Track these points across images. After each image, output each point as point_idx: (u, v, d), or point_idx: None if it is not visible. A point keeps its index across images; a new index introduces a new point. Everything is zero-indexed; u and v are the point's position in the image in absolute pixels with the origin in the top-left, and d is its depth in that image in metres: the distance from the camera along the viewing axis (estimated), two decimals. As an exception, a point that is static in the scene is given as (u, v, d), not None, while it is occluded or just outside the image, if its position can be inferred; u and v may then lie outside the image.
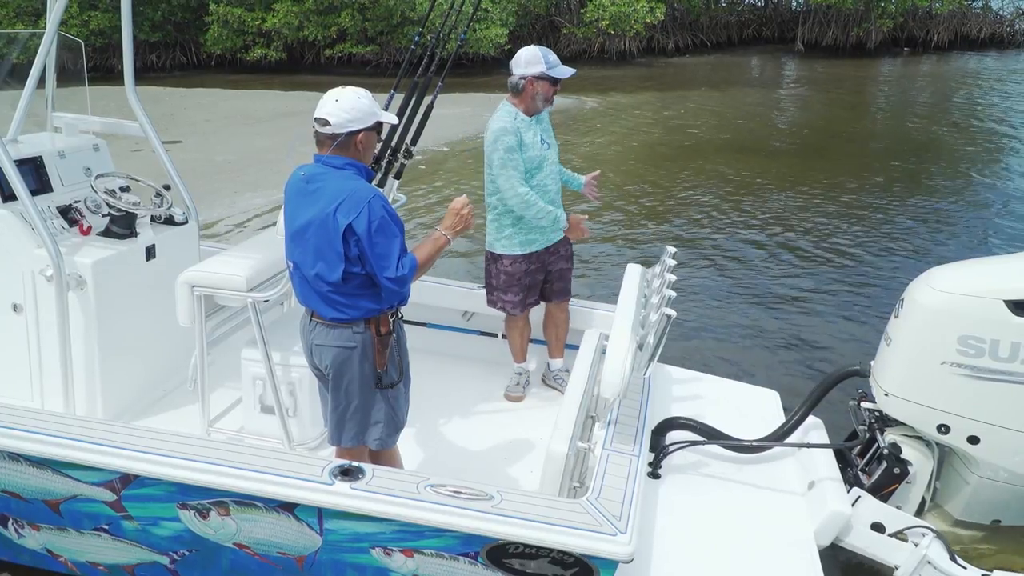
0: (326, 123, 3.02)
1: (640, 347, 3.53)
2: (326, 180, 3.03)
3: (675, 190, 11.63)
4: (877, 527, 3.64)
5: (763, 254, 8.90)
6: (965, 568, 3.46)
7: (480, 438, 4.31)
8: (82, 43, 5.32)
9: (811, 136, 16.34)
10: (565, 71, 4.32)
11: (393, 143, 3.94)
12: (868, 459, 4.00)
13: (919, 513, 3.94)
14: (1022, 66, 27.24)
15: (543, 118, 4.47)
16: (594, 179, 4.71)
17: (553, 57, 4.31)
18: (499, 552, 2.91)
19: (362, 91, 3.07)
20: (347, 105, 3.01)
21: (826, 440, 4.16)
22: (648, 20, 27.17)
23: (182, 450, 3.17)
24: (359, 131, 3.04)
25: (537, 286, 4.60)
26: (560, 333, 4.82)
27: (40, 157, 4.26)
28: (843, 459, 4.08)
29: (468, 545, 2.93)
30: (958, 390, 3.64)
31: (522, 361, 4.75)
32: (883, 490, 3.85)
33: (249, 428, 4.05)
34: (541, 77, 4.27)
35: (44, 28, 4.29)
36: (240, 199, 10.69)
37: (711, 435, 4.07)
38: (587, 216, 4.54)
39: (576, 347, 4.35)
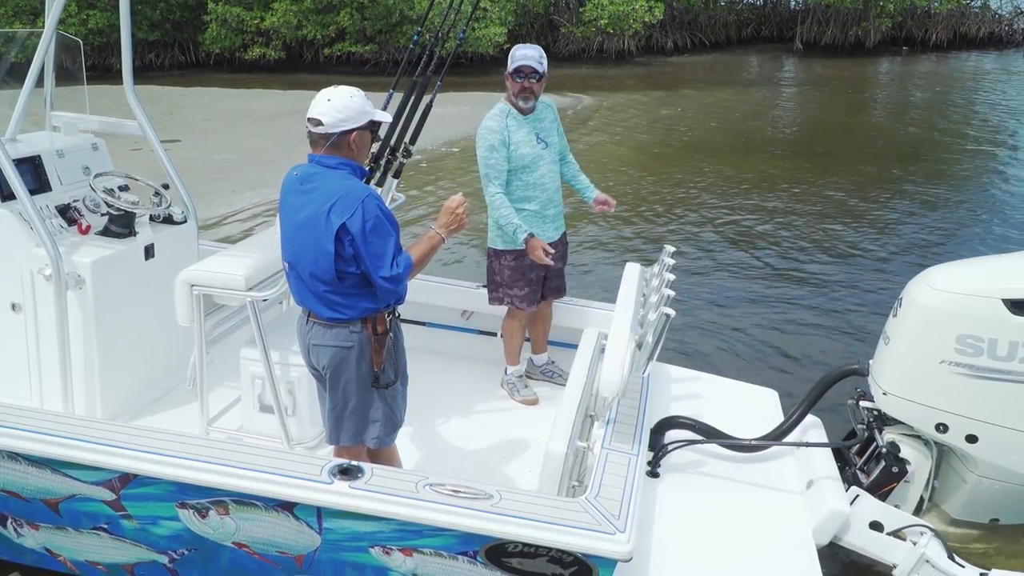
0: (319, 123, 3.01)
1: (639, 346, 3.53)
2: (320, 180, 3.03)
3: (673, 189, 11.63)
4: (875, 526, 3.64)
5: (762, 253, 8.90)
6: (963, 567, 3.47)
7: (479, 437, 4.31)
8: (80, 42, 5.31)
9: (809, 135, 16.35)
10: (514, 64, 4.28)
11: (392, 142, 3.94)
12: (867, 458, 4.01)
13: (917, 512, 3.95)
14: (1020, 65, 27.24)
15: (542, 116, 4.49)
16: (607, 199, 4.68)
17: (523, 52, 4.30)
18: (498, 551, 2.91)
19: (355, 90, 3.07)
20: (339, 104, 3.01)
21: (825, 439, 4.16)
22: (647, 19, 27.15)
23: (181, 449, 3.17)
24: (352, 130, 3.04)
25: (540, 283, 4.61)
26: (546, 329, 4.88)
27: (39, 156, 4.26)
28: (842, 458, 4.09)
29: (467, 544, 2.93)
30: (956, 389, 3.64)
31: (517, 364, 4.76)
32: (881, 489, 3.86)
33: (248, 427, 4.05)
34: (508, 73, 4.34)
35: (42, 27, 4.29)
36: (239, 198, 10.69)
37: (710, 434, 4.08)
38: (553, 251, 4.34)
39: (574, 346, 4.36)
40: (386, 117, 3.27)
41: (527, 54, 4.29)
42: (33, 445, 3.22)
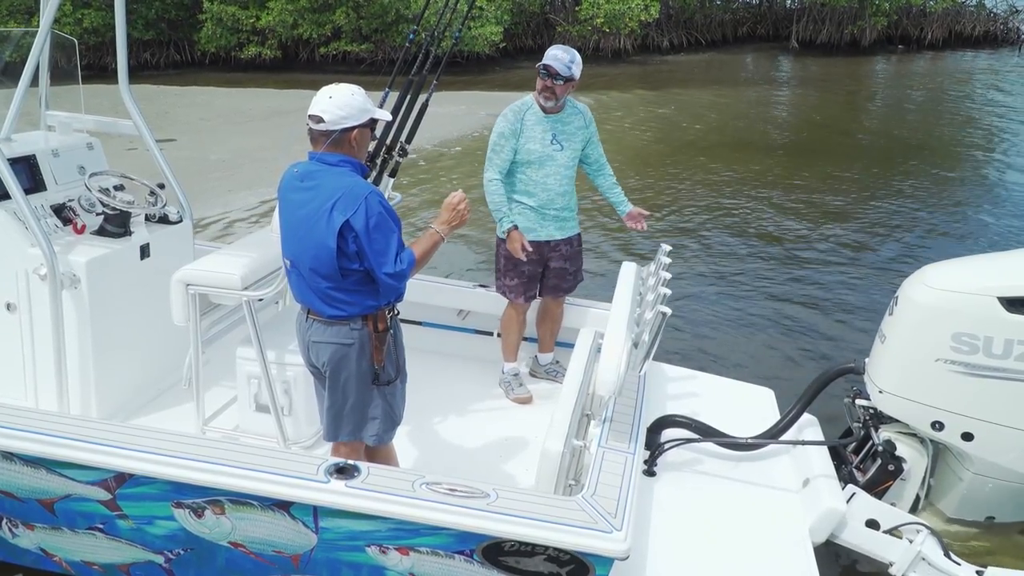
0: (320, 120, 3.02)
1: (635, 345, 3.53)
2: (321, 177, 3.03)
3: (670, 188, 11.64)
4: (872, 524, 3.65)
5: (758, 252, 8.91)
6: (959, 564, 3.47)
7: (475, 436, 4.31)
8: (76, 41, 5.31)
9: (806, 134, 16.36)
10: (544, 61, 4.31)
11: (388, 141, 3.94)
12: (863, 456, 4.01)
13: (913, 510, 3.96)
14: (1015, 64, 27.30)
15: (567, 120, 4.50)
16: (641, 215, 4.72)
17: (554, 53, 4.33)
18: (495, 550, 2.91)
19: (356, 88, 3.07)
20: (341, 102, 3.01)
21: (821, 437, 4.17)
22: (643, 18, 27.14)
23: (177, 449, 3.16)
24: (353, 128, 3.04)
25: (535, 280, 4.61)
26: (554, 328, 4.86)
27: (34, 156, 4.25)
28: (838, 456, 4.10)
29: (464, 543, 2.93)
30: (952, 387, 3.65)
31: (513, 361, 4.76)
32: (877, 487, 3.86)
33: (244, 427, 4.05)
34: (537, 70, 4.35)
35: (37, 26, 4.28)
36: (234, 197, 10.67)
37: (706, 433, 4.08)
38: (529, 248, 4.38)
39: (571, 345, 4.36)
40: (386, 116, 3.28)
41: (556, 55, 4.33)
42: (28, 445, 3.21)
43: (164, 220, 4.52)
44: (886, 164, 13.11)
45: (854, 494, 3.71)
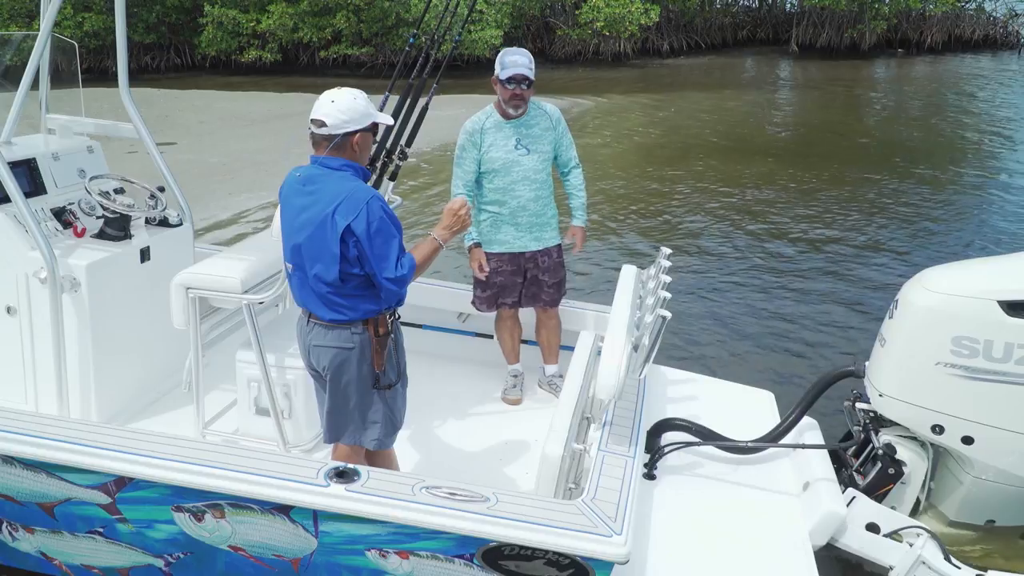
0: (322, 124, 3.02)
1: (635, 348, 3.53)
2: (324, 182, 3.04)
3: (670, 191, 11.64)
4: (872, 527, 3.65)
5: (758, 255, 8.91)
6: (959, 568, 3.47)
7: (476, 440, 4.30)
8: (76, 45, 5.31)
9: (805, 137, 16.37)
10: (507, 72, 4.22)
11: (388, 144, 3.94)
12: (863, 460, 4.01)
13: (914, 513, 3.96)
14: (1015, 67, 27.32)
15: (532, 123, 4.43)
16: (578, 237, 4.64)
17: (514, 59, 4.24)
18: (495, 554, 2.91)
19: (358, 92, 3.08)
20: (343, 106, 3.02)
21: (821, 441, 4.17)
22: (643, 21, 27.18)
23: (177, 452, 3.16)
24: (355, 132, 3.05)
25: (512, 288, 4.56)
26: (551, 338, 4.76)
27: (34, 159, 4.25)
28: (838, 460, 4.09)
29: (464, 547, 2.93)
30: (952, 391, 3.65)
31: (515, 362, 4.75)
32: (878, 491, 3.86)
33: (244, 430, 4.05)
34: (498, 80, 4.28)
35: (38, 30, 4.28)
36: (235, 201, 10.68)
37: (706, 436, 4.08)
38: (487, 268, 4.44)
39: (571, 349, 4.36)
40: (388, 119, 3.29)
41: (518, 60, 4.23)
42: (28, 449, 3.21)
43: (164, 223, 4.52)
44: (886, 167, 13.11)
45: (854, 498, 3.71)
